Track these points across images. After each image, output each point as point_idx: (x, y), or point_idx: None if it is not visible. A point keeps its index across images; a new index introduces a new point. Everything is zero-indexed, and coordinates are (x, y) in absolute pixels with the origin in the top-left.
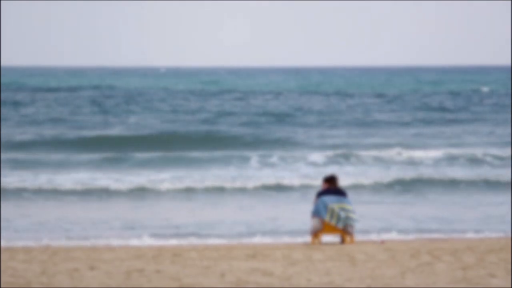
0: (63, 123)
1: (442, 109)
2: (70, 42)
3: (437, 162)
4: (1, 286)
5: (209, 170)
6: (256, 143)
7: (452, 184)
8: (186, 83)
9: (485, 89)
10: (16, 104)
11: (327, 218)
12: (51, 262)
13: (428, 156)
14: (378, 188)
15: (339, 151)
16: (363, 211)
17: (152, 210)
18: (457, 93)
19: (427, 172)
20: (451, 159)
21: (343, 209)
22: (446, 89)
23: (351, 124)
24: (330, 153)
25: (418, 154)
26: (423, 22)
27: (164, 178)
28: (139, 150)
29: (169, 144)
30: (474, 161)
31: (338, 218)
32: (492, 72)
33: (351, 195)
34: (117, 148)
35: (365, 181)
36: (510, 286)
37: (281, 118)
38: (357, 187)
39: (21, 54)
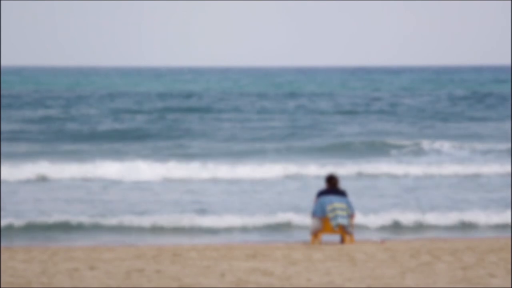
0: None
1: None
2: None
3: None
4: (1, 286)
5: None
6: None
7: None
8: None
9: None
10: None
11: (328, 215)
12: (51, 262)
13: None
14: None
15: None
16: None
17: None
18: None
19: None
20: None
21: (340, 209)
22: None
23: None
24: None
25: None
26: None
27: None
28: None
29: None
30: None
31: (334, 218)
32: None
33: None
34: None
35: None
36: (510, 286)
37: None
38: None
39: (21, 54)
